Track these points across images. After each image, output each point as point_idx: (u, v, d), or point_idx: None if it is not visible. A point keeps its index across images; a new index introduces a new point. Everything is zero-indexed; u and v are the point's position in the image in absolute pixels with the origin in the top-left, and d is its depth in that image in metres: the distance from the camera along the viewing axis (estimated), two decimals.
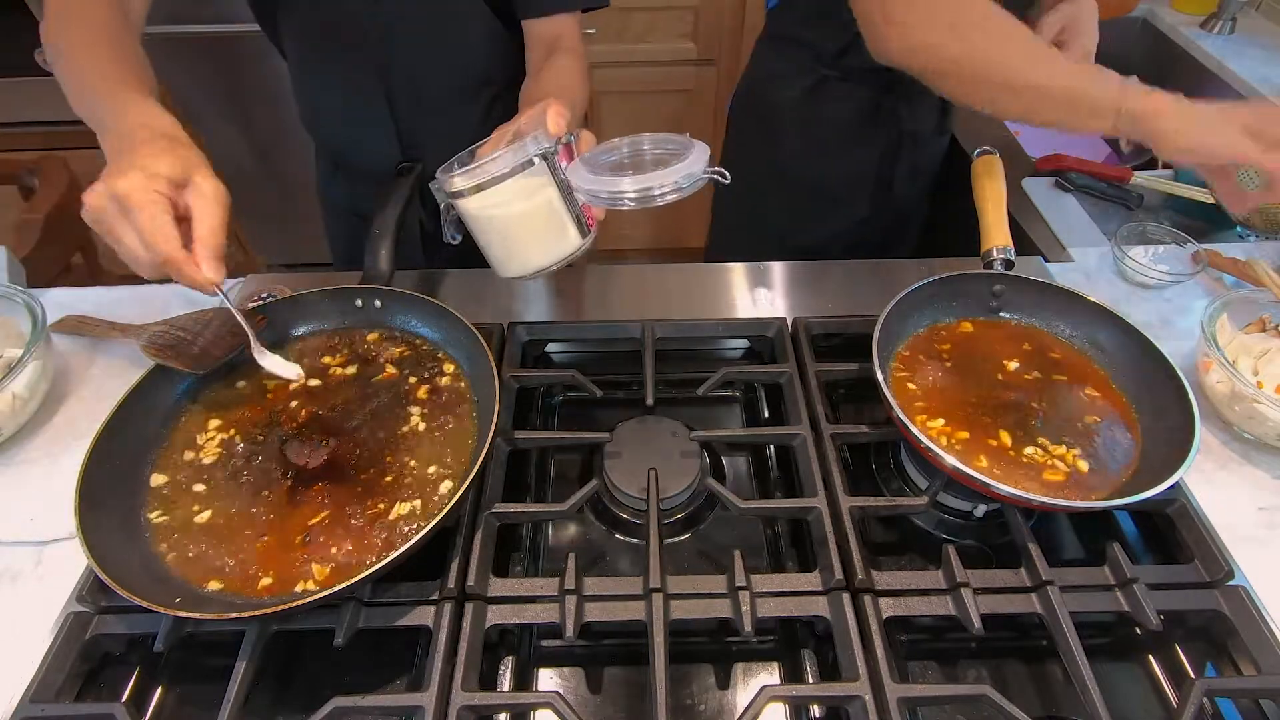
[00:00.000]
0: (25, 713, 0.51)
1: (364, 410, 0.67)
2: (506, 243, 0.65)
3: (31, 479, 0.69)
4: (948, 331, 0.75)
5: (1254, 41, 1.44)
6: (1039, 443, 0.64)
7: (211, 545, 0.58)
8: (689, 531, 0.68)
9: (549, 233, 0.64)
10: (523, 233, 0.64)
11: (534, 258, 0.65)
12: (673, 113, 1.98)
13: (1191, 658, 0.59)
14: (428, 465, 0.63)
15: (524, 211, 0.62)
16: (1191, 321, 0.84)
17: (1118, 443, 0.65)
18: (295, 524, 0.59)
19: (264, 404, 0.68)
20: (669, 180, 0.58)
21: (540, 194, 0.62)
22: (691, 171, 0.58)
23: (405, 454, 0.64)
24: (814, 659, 0.59)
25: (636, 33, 1.82)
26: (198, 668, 0.58)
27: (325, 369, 0.72)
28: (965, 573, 0.58)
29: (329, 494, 0.61)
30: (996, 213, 0.77)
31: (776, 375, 0.75)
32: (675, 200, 0.59)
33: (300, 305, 0.74)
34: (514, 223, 0.63)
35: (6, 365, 0.72)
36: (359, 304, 0.75)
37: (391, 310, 0.75)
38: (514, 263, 0.66)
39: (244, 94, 1.84)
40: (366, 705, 0.51)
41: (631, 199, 0.59)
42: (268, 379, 0.70)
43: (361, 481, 0.62)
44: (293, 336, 0.74)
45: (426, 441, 0.65)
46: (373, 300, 0.75)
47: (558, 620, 0.55)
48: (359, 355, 0.73)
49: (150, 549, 0.58)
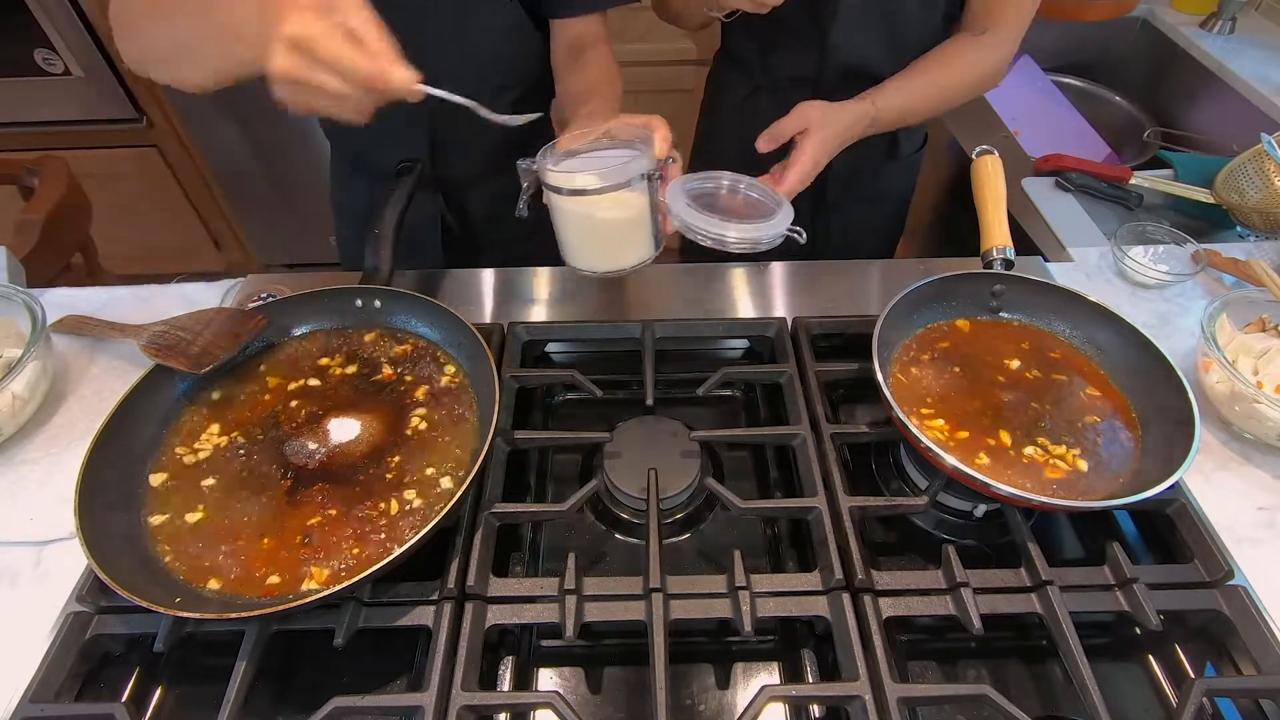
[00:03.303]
0: (25, 713, 0.52)
1: (364, 410, 0.67)
2: (588, 241, 0.68)
3: (31, 479, 0.69)
4: (947, 331, 0.75)
5: (1254, 41, 1.44)
6: (1039, 443, 0.64)
7: (211, 545, 0.58)
8: (689, 531, 0.68)
9: (631, 241, 0.68)
10: (608, 236, 0.67)
11: (611, 260, 0.69)
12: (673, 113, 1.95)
13: (1191, 658, 0.59)
14: (427, 465, 0.63)
15: (616, 219, 0.65)
16: (1191, 321, 0.84)
17: (1118, 443, 0.65)
18: (295, 524, 0.59)
19: (263, 404, 0.68)
20: (765, 235, 0.66)
21: (634, 207, 0.65)
22: (779, 231, 0.67)
23: (405, 454, 0.64)
24: (814, 659, 0.59)
25: (636, 33, 1.82)
26: (198, 668, 0.58)
27: (325, 369, 0.72)
28: (965, 573, 0.58)
29: (329, 494, 0.61)
30: (996, 212, 0.77)
31: (776, 375, 0.75)
32: (755, 251, 0.67)
33: (299, 305, 0.74)
34: (603, 227, 0.66)
35: (6, 365, 0.72)
36: (359, 304, 0.75)
37: (391, 310, 0.75)
38: (589, 259, 0.69)
39: (244, 94, 1.84)
40: (366, 705, 0.51)
41: (733, 242, 0.65)
42: (270, 377, 0.70)
43: (361, 481, 0.62)
44: (292, 336, 0.74)
45: (426, 441, 0.65)
46: (372, 300, 0.75)
47: (558, 620, 0.55)
48: (358, 355, 0.73)
49: (150, 549, 0.58)
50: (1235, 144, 1.26)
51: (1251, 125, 1.21)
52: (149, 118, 1.85)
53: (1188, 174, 1.13)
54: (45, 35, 1.65)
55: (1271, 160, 0.99)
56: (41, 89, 1.74)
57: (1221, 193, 1.06)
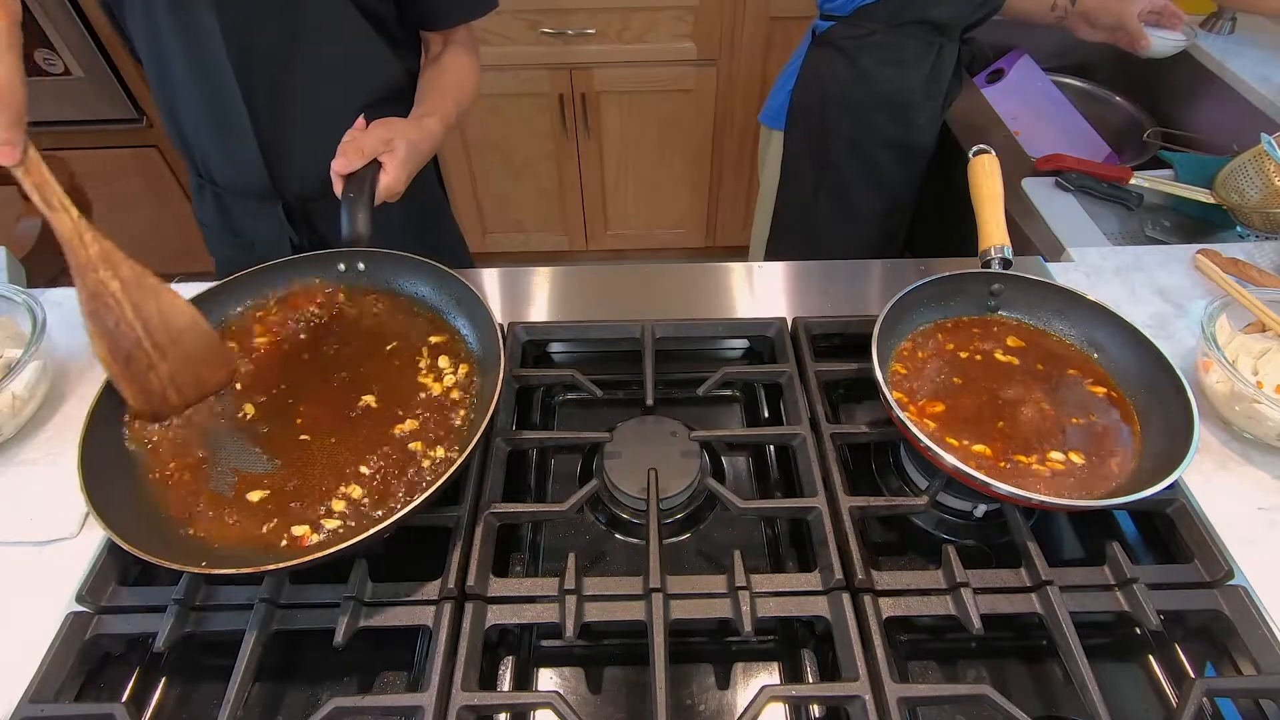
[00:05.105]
0: (25, 713, 0.52)
1: (368, 365, 0.68)
2: None
3: (31, 479, 0.69)
4: (947, 331, 0.75)
5: (1254, 41, 1.44)
6: (1039, 442, 0.64)
7: (225, 505, 0.58)
8: (689, 531, 0.68)
9: None
10: None
11: None
12: (673, 112, 1.98)
13: (1191, 657, 0.59)
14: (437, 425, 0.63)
15: None
16: (1191, 321, 0.84)
17: (1117, 442, 0.65)
18: (306, 480, 0.59)
19: (260, 360, 0.68)
20: None
21: None
22: None
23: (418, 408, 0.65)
24: (814, 659, 0.59)
25: (636, 33, 1.82)
26: (198, 668, 0.58)
27: (322, 318, 0.71)
28: (965, 573, 0.58)
29: (339, 440, 0.61)
30: (993, 212, 0.77)
31: (776, 375, 0.75)
32: None
33: (279, 270, 0.73)
34: None
35: (6, 365, 0.72)
36: (341, 268, 0.74)
37: (375, 273, 0.74)
38: None
39: None
40: (366, 705, 0.51)
41: None
42: (260, 337, 0.70)
43: (370, 424, 0.63)
44: (274, 299, 0.73)
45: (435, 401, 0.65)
46: (355, 262, 0.73)
47: (558, 620, 0.55)
48: (352, 313, 0.72)
49: (161, 514, 0.57)
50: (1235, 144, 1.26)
51: (1251, 125, 1.22)
52: (149, 118, 1.85)
53: (1188, 174, 1.13)
54: (45, 35, 1.65)
55: (1271, 160, 0.99)
56: (41, 89, 1.74)
57: (1221, 193, 1.06)
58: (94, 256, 0.57)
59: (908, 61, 1.16)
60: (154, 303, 0.60)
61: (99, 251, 0.57)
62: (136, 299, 0.59)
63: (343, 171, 0.71)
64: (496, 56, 1.81)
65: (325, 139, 0.77)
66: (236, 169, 0.92)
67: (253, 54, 0.82)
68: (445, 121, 0.85)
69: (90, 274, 0.57)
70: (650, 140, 2.05)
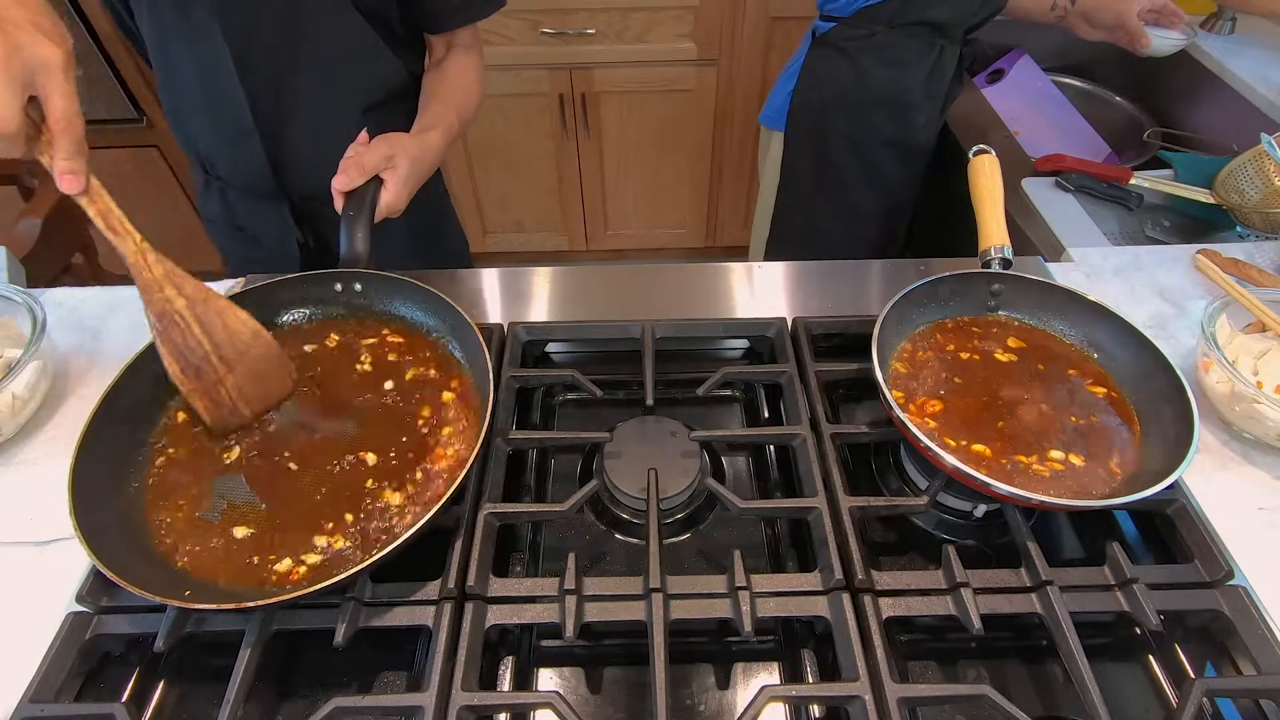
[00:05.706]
0: (25, 713, 0.51)
1: (357, 400, 0.67)
2: None
3: (31, 479, 0.69)
4: (947, 331, 0.75)
5: (1254, 41, 1.44)
6: (1039, 442, 0.64)
7: (211, 536, 0.58)
8: (689, 531, 0.68)
9: None
10: None
11: None
12: (673, 112, 1.99)
13: (1191, 658, 0.59)
14: (425, 450, 0.63)
15: None
16: (1191, 321, 0.84)
17: (1117, 442, 0.65)
18: (294, 513, 0.59)
19: None
20: None
21: None
22: None
23: (403, 441, 0.64)
24: (814, 659, 0.59)
25: (636, 33, 1.82)
26: (198, 668, 0.58)
27: (313, 357, 0.70)
28: (965, 573, 0.58)
29: (326, 482, 0.61)
30: (993, 212, 0.77)
31: (776, 375, 0.75)
32: None
33: (273, 292, 0.72)
34: None
35: (6, 365, 0.72)
36: (337, 289, 0.73)
37: (372, 295, 0.73)
38: None
39: None
40: (366, 705, 0.51)
41: None
42: None
43: (359, 470, 0.62)
44: (274, 324, 0.72)
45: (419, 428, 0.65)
46: (352, 284, 0.72)
47: (558, 620, 0.55)
48: (343, 344, 0.71)
49: (149, 542, 0.57)
50: (1235, 144, 1.26)
51: (1251, 125, 1.21)
52: (149, 118, 1.85)
53: (1188, 174, 1.13)
54: None
55: (1271, 160, 0.99)
56: None
57: (1221, 193, 1.06)
58: (159, 277, 0.58)
59: (908, 62, 1.17)
60: (218, 318, 0.62)
61: (163, 272, 0.59)
62: (201, 315, 0.61)
63: (343, 189, 0.70)
64: (497, 56, 1.81)
65: (328, 139, 0.77)
66: (242, 169, 0.92)
67: (255, 55, 0.82)
68: (448, 134, 0.84)
69: (156, 294, 0.59)
70: (650, 140, 2.05)
